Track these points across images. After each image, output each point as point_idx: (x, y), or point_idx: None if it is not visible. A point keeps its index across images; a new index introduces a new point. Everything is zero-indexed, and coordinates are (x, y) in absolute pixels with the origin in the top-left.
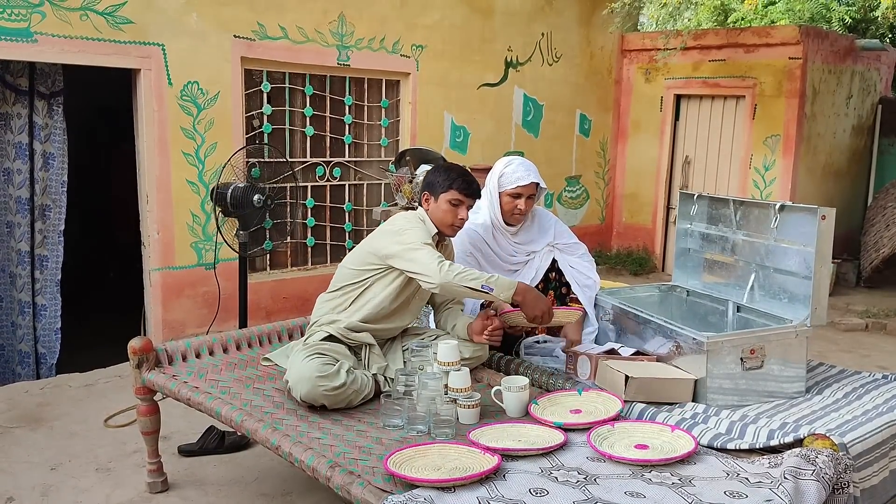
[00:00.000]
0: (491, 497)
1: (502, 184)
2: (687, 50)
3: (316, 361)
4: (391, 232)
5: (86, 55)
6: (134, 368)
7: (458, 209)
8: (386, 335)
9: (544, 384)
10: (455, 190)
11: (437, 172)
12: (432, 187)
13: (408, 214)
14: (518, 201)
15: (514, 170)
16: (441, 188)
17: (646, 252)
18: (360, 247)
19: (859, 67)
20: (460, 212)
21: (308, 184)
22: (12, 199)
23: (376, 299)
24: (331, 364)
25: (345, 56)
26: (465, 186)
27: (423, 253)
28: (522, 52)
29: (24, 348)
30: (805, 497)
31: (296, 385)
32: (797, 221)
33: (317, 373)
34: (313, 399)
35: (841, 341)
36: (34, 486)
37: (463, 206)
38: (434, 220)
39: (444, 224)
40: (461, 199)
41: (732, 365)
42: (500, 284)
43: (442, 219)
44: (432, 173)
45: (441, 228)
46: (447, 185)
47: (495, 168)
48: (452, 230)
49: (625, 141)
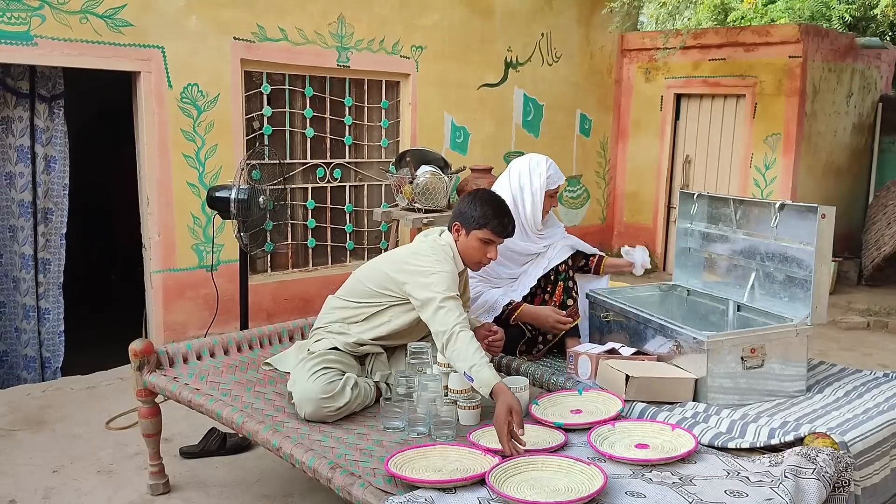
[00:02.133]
0: (491, 498)
1: (549, 184)
2: (687, 49)
3: (321, 381)
4: (417, 272)
5: (86, 58)
6: (135, 371)
7: (489, 248)
8: (393, 346)
9: (545, 384)
10: (489, 230)
11: (474, 205)
12: (466, 219)
13: (437, 246)
14: (554, 199)
15: (556, 170)
16: (475, 224)
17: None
18: (380, 265)
19: (859, 65)
20: (490, 252)
21: (309, 185)
22: (15, 203)
23: (392, 323)
24: (336, 381)
25: (344, 57)
26: (501, 229)
27: (442, 313)
28: (522, 52)
29: (30, 353)
30: (806, 495)
31: (300, 404)
32: (797, 220)
33: (321, 394)
34: (319, 419)
35: (842, 340)
36: (36, 489)
37: (493, 246)
38: (461, 252)
39: (471, 260)
40: (493, 240)
41: (733, 364)
42: (480, 378)
43: (471, 255)
44: (468, 204)
45: (467, 263)
46: (482, 223)
47: (535, 168)
48: (478, 267)
49: (625, 140)
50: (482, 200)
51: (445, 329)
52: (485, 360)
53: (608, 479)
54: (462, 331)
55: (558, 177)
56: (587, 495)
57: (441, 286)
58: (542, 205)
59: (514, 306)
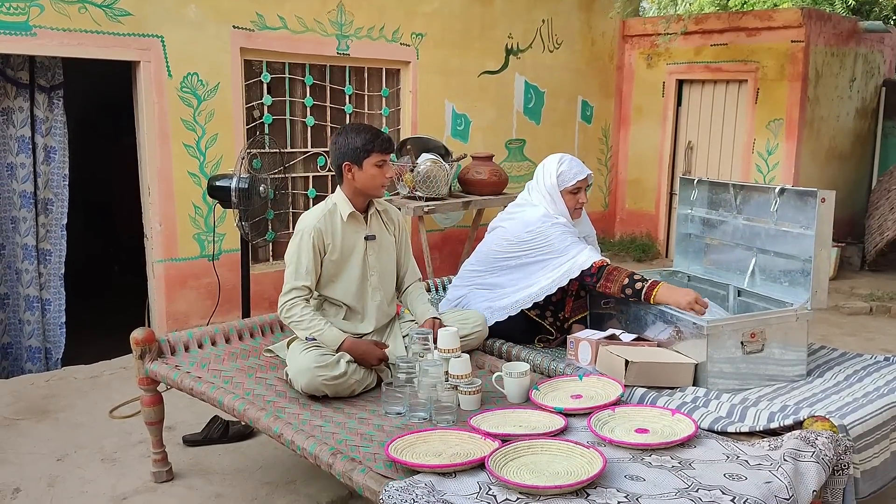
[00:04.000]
0: (491, 482)
1: (562, 182)
2: (688, 34)
3: (314, 352)
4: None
5: (85, 48)
6: (137, 359)
7: (385, 168)
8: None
9: (545, 370)
10: (378, 153)
11: (349, 138)
12: (352, 155)
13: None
14: (579, 195)
15: (569, 167)
16: (364, 154)
17: (649, 238)
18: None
19: (862, 50)
20: (387, 171)
21: (310, 174)
22: (16, 194)
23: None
24: (329, 355)
25: (344, 45)
26: (387, 145)
27: (285, 282)
28: (523, 38)
29: (34, 344)
30: (804, 478)
31: (296, 377)
32: (797, 205)
33: (315, 363)
34: (314, 389)
35: (845, 325)
36: (41, 477)
37: (387, 165)
38: (363, 187)
39: (375, 187)
40: (385, 160)
41: (733, 349)
42: (324, 338)
43: (373, 184)
44: (344, 141)
45: (373, 192)
46: (369, 150)
47: (546, 169)
48: (382, 191)
49: (627, 127)
50: (355, 130)
51: (285, 294)
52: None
53: (607, 462)
54: (301, 303)
55: (573, 174)
56: (586, 478)
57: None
58: (565, 203)
59: (650, 284)
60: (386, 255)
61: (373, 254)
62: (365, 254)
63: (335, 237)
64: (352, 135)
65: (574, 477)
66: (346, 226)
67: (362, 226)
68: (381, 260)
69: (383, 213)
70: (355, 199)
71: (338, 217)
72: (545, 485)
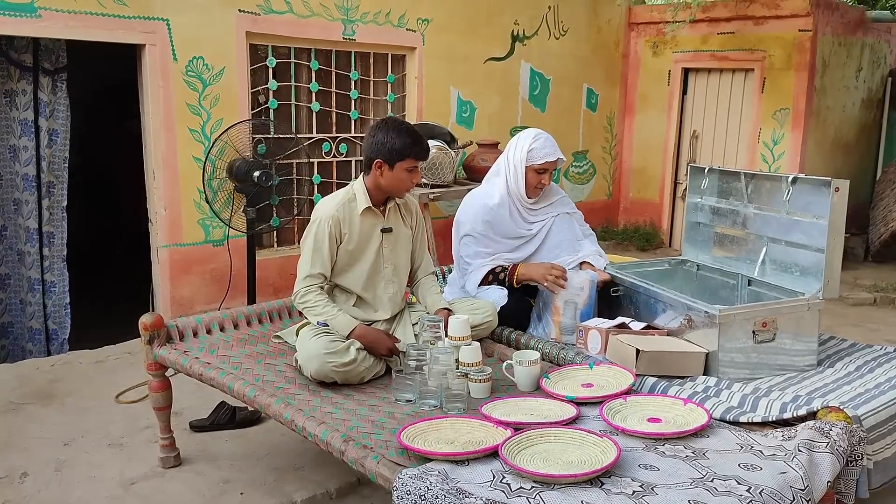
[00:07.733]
0: (505, 470)
1: (530, 158)
2: (695, 23)
3: (324, 339)
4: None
5: (90, 31)
6: (145, 344)
7: (414, 174)
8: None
9: (555, 358)
10: (413, 159)
11: (390, 137)
12: (387, 154)
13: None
14: (543, 176)
15: (542, 145)
16: (398, 156)
17: (653, 227)
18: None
19: (869, 39)
20: (415, 177)
21: (314, 160)
22: (19, 177)
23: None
24: (339, 341)
25: (350, 30)
26: (423, 154)
27: (300, 269)
28: (529, 25)
29: (35, 325)
30: (819, 469)
31: (305, 363)
32: (810, 194)
33: (324, 350)
34: (324, 376)
35: (849, 315)
36: (48, 462)
37: (417, 171)
38: (388, 186)
39: (401, 190)
40: (416, 166)
41: (744, 338)
42: (336, 323)
43: (399, 186)
44: (383, 137)
45: (397, 194)
46: (405, 154)
47: (520, 141)
48: (406, 193)
49: (632, 115)
50: (397, 130)
51: (299, 282)
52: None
53: (621, 451)
54: (315, 290)
55: (545, 153)
56: (601, 467)
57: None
58: (525, 179)
59: (510, 270)
60: (402, 247)
61: (388, 246)
62: (381, 245)
63: (352, 227)
64: (392, 133)
65: (588, 466)
66: (364, 216)
67: (380, 218)
68: (396, 252)
69: (402, 205)
70: (376, 193)
71: (356, 207)
72: (560, 473)
